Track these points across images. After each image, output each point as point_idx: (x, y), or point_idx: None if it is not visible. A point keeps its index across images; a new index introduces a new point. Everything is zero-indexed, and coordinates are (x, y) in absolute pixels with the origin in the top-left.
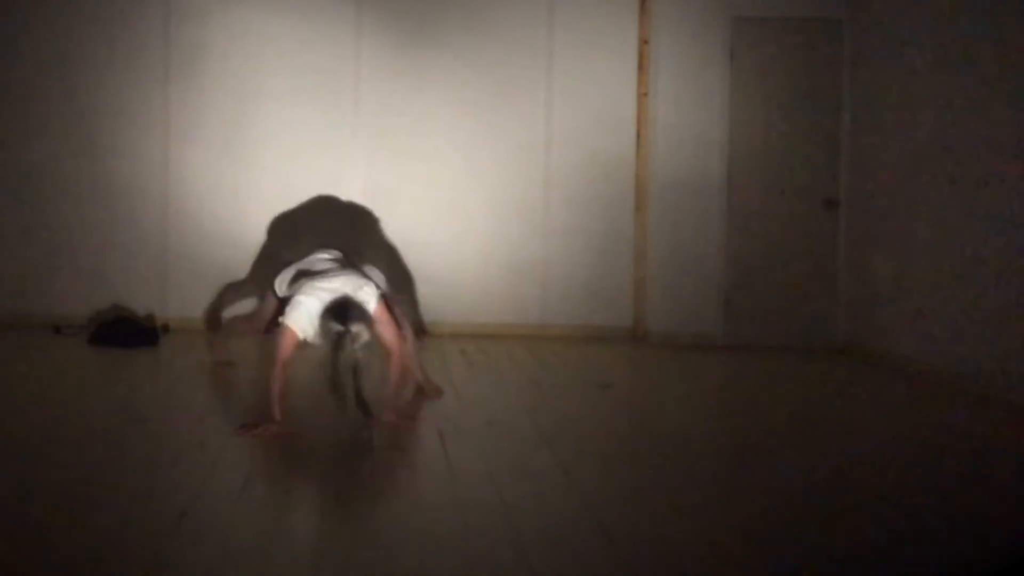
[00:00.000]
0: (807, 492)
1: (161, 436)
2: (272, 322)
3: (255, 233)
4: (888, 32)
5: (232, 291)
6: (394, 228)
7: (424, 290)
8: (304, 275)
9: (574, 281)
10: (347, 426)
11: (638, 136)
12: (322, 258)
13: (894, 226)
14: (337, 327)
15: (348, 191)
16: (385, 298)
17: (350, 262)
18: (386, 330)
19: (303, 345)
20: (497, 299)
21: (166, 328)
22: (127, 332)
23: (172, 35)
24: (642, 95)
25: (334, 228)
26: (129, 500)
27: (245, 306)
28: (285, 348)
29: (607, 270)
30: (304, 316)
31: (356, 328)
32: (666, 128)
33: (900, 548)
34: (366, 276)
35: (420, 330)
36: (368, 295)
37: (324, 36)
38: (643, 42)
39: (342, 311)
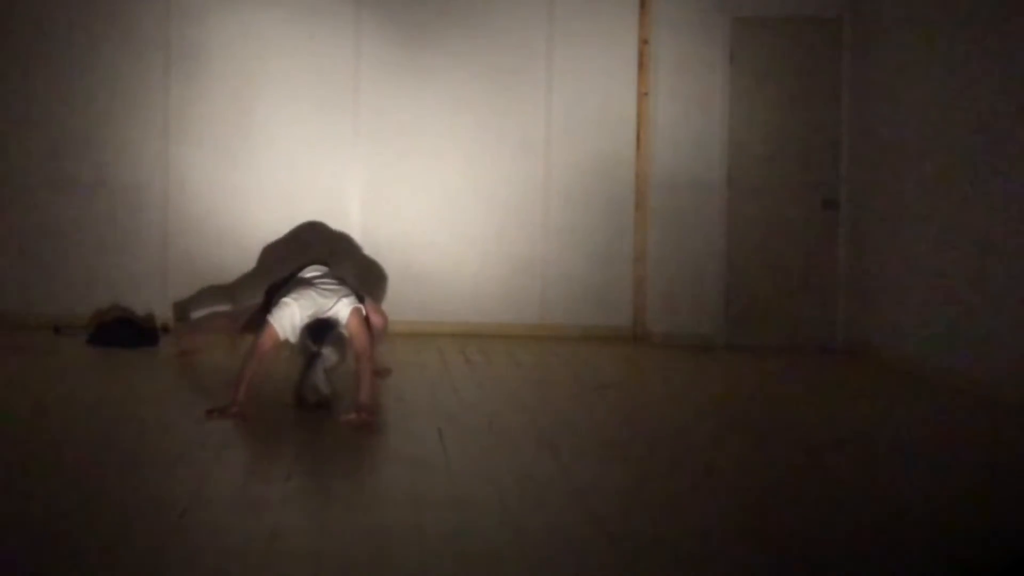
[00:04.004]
0: (807, 491)
1: (161, 436)
2: (250, 321)
3: (255, 233)
4: (888, 31)
5: (213, 292)
6: (394, 228)
7: (424, 290)
8: (295, 282)
9: (574, 281)
10: (344, 427)
11: (638, 136)
12: (313, 275)
13: (894, 226)
14: (312, 347)
15: (348, 190)
16: (362, 309)
17: (337, 275)
18: (358, 339)
19: (283, 346)
20: (497, 299)
21: (166, 328)
22: (127, 332)
23: (172, 35)
24: (642, 95)
25: (325, 245)
26: (130, 499)
27: (222, 307)
28: (265, 342)
29: (607, 270)
30: (287, 318)
31: (326, 351)
32: (666, 128)
33: (899, 547)
34: (349, 288)
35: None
36: (344, 306)
37: (324, 36)
38: (643, 42)
39: (319, 332)
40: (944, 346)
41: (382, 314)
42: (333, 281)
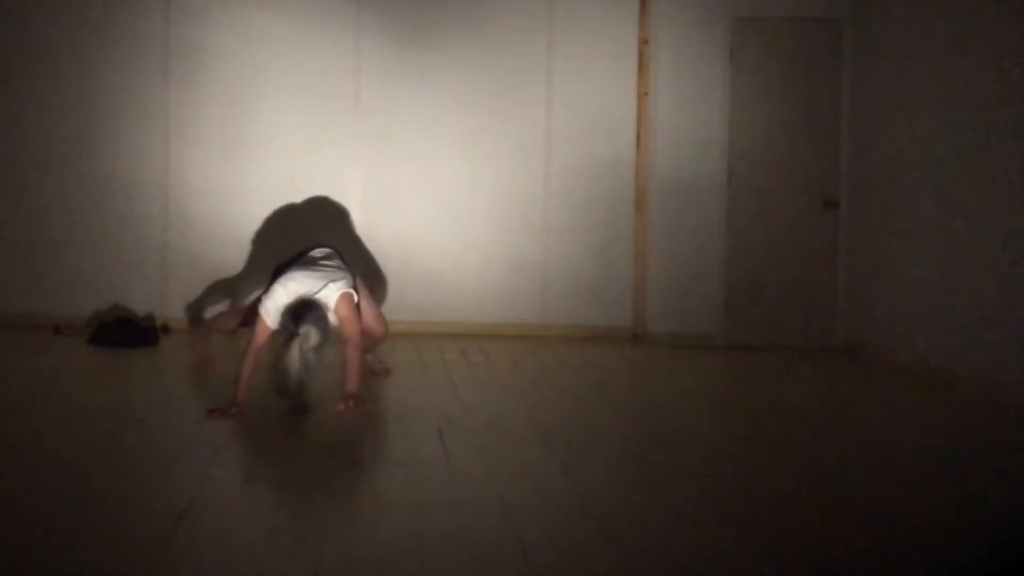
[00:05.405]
0: (806, 491)
1: (160, 436)
2: (248, 313)
3: (255, 233)
4: (888, 32)
5: (219, 289)
6: (393, 228)
7: (424, 290)
8: (293, 264)
9: (574, 281)
10: (342, 424)
11: (638, 136)
12: (314, 255)
13: (894, 226)
14: (290, 327)
15: (348, 191)
16: (353, 295)
17: (335, 257)
18: (346, 324)
19: (276, 335)
20: (497, 299)
21: (166, 328)
22: (127, 332)
23: (172, 35)
24: (642, 95)
25: (325, 228)
26: (129, 500)
27: (230, 303)
28: (258, 337)
29: (607, 270)
30: (273, 306)
31: (304, 330)
32: (666, 128)
33: (899, 547)
34: (341, 271)
35: None
36: (332, 291)
37: (324, 36)
38: (643, 42)
39: (300, 312)
40: (944, 346)
41: (383, 321)
42: (331, 264)
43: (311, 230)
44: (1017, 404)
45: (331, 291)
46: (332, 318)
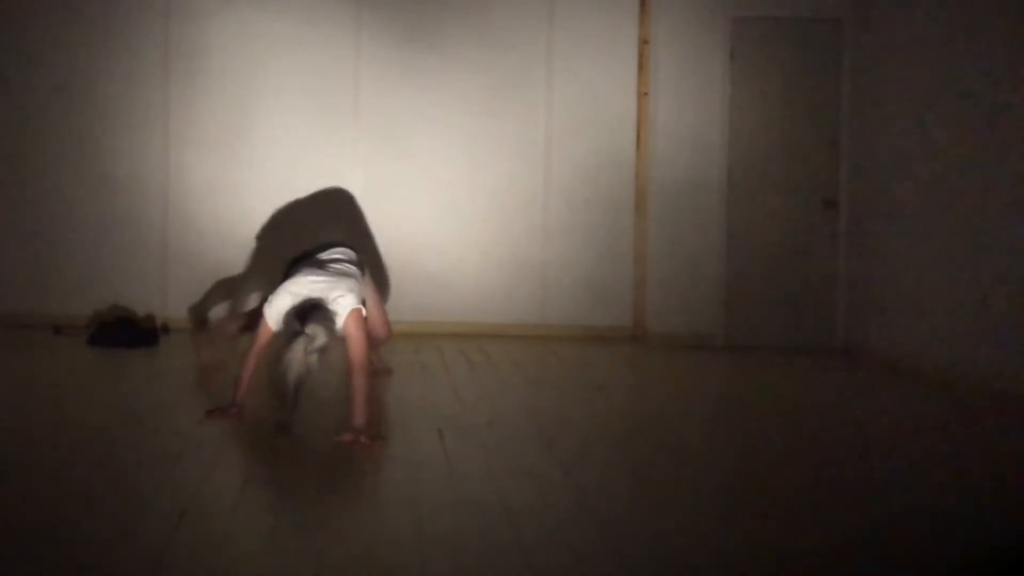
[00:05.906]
0: (806, 491)
1: (161, 436)
2: (251, 315)
3: (255, 233)
4: (888, 32)
5: (222, 289)
6: (394, 228)
7: (424, 290)
8: (304, 264)
9: (574, 281)
10: (338, 423)
11: (638, 136)
12: (327, 256)
13: (894, 226)
14: (295, 326)
15: (348, 190)
16: (362, 311)
17: (348, 262)
18: (353, 343)
19: (277, 338)
20: (497, 299)
21: (166, 328)
22: (127, 332)
23: (172, 35)
24: (642, 95)
25: (327, 227)
26: (129, 500)
27: (231, 304)
28: (260, 338)
29: (607, 270)
30: (276, 309)
31: (311, 330)
32: (666, 128)
33: (900, 547)
34: (352, 280)
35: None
36: (341, 306)
37: (324, 36)
38: (643, 42)
39: (305, 311)
40: (944, 346)
41: (387, 324)
42: (341, 269)
43: (312, 229)
44: (1017, 404)
45: (339, 306)
46: (339, 322)
